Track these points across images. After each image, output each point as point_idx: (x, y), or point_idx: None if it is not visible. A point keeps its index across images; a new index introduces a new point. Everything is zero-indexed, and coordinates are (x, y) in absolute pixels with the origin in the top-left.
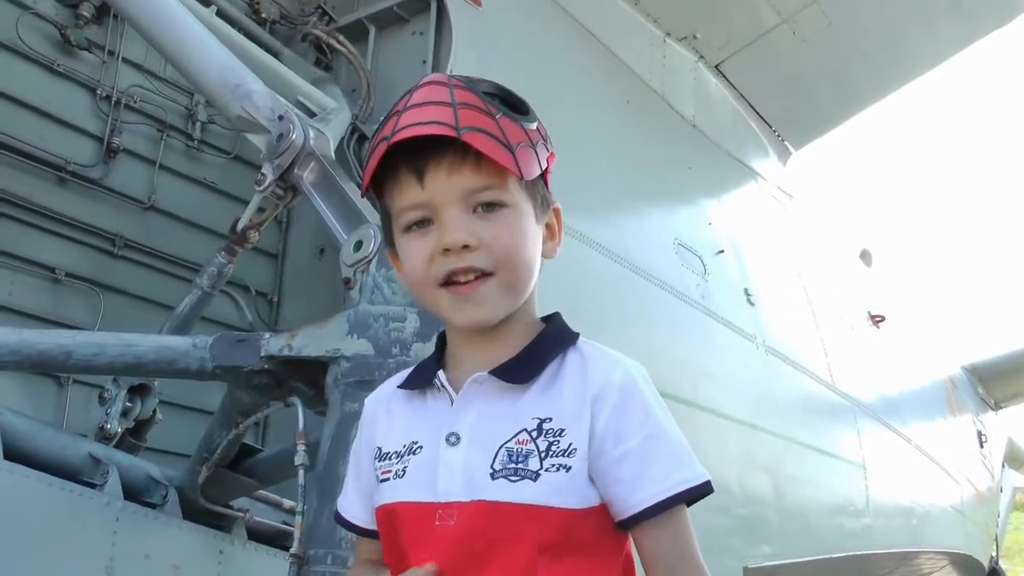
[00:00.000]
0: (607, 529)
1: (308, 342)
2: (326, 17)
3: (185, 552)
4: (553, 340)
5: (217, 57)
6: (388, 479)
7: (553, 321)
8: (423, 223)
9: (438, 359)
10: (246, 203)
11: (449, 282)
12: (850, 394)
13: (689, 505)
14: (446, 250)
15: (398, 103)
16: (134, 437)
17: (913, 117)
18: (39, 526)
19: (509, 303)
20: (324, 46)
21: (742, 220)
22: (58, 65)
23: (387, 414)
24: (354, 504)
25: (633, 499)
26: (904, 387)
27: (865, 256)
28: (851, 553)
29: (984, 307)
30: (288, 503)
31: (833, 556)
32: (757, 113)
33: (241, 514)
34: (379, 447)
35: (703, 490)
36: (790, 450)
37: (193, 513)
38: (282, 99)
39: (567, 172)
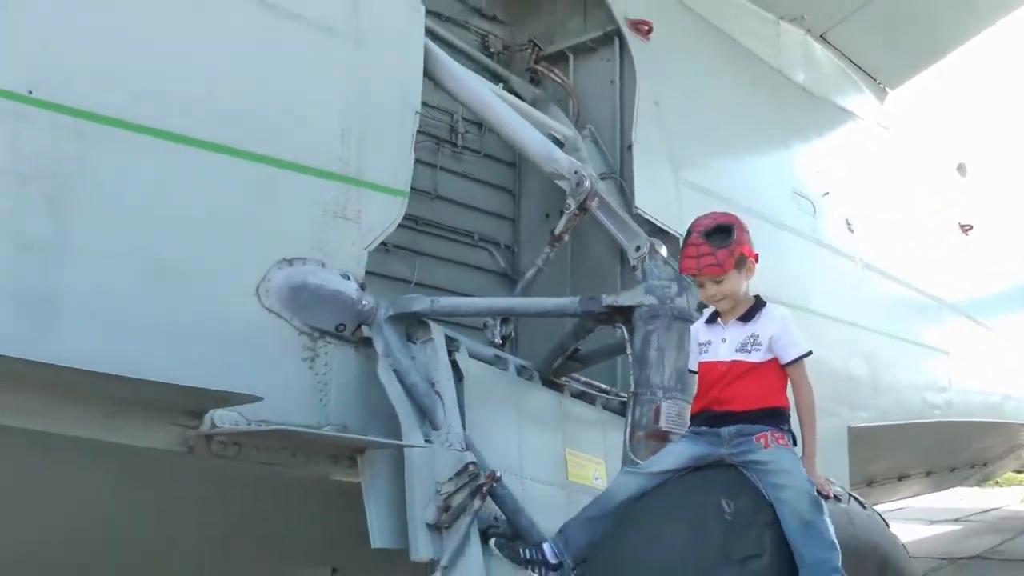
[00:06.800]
0: (776, 368)
1: (627, 297)
2: (536, 47)
3: (543, 404)
4: (757, 306)
5: (532, 135)
6: (704, 353)
7: (758, 298)
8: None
9: (715, 313)
10: (494, 186)
11: None
12: (936, 294)
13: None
14: (710, 295)
15: (689, 240)
16: (499, 348)
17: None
18: (498, 400)
19: (730, 304)
20: (539, 73)
21: (845, 161)
22: None
23: (700, 330)
24: (692, 363)
25: (784, 359)
26: (988, 285)
27: (961, 169)
28: (935, 420)
29: None
30: (592, 381)
31: (920, 421)
32: (857, 66)
33: (568, 383)
34: (699, 342)
35: (808, 354)
36: (883, 341)
37: (545, 382)
38: (575, 161)
39: (716, 149)
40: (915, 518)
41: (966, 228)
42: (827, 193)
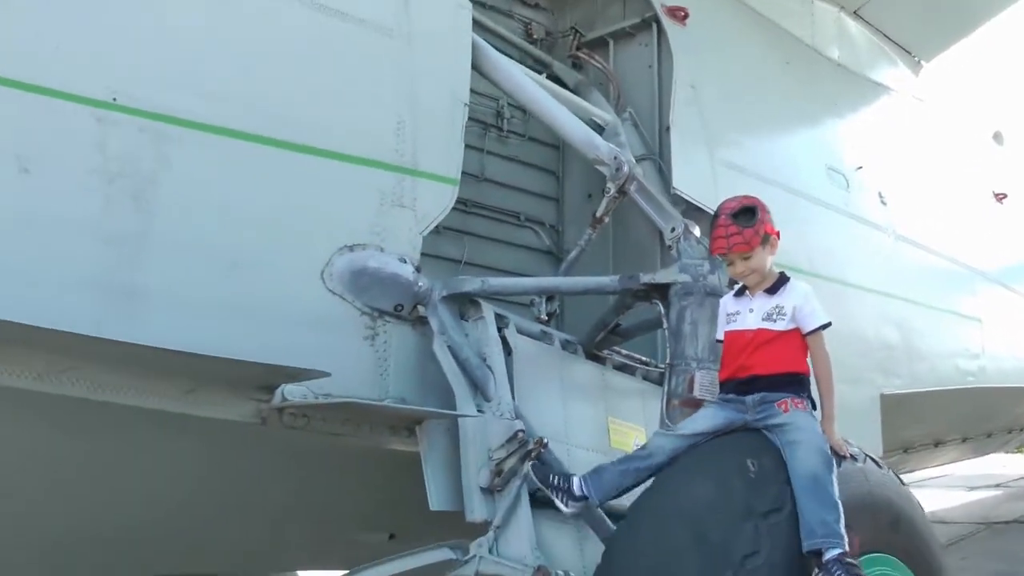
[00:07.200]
0: (798, 337)
1: (663, 275)
2: (577, 34)
3: (586, 375)
4: (781, 280)
5: (574, 123)
6: (731, 322)
7: (782, 273)
8: (732, 262)
9: (743, 287)
10: (538, 168)
11: None
12: (968, 263)
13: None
14: (739, 272)
15: (717, 221)
16: (545, 324)
17: None
18: (545, 372)
19: (757, 278)
20: (581, 59)
21: (878, 134)
22: None
23: (728, 301)
24: (719, 333)
25: (805, 329)
26: (1022, 253)
27: (997, 137)
28: (969, 386)
29: None
30: (633, 354)
31: (953, 388)
32: (891, 40)
33: (609, 356)
34: (727, 312)
35: (827, 325)
36: (915, 310)
37: (589, 356)
38: (614, 147)
39: (751, 129)
40: (956, 485)
41: (1000, 197)
42: (860, 167)
